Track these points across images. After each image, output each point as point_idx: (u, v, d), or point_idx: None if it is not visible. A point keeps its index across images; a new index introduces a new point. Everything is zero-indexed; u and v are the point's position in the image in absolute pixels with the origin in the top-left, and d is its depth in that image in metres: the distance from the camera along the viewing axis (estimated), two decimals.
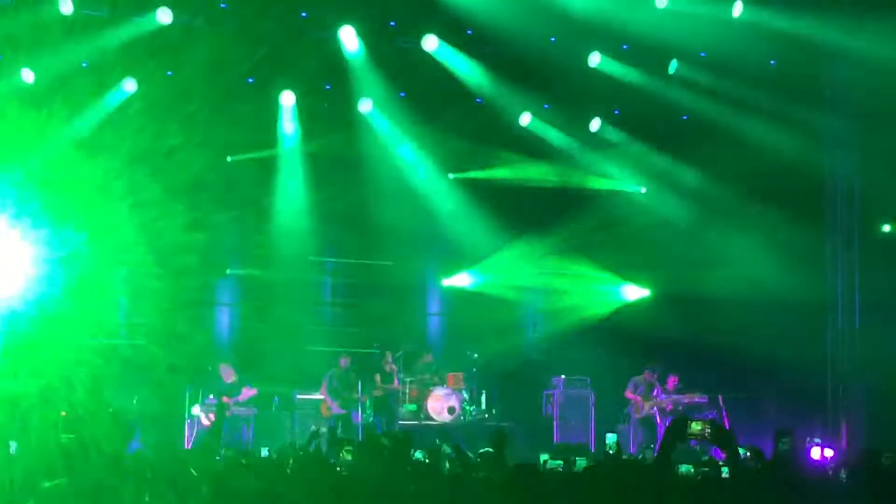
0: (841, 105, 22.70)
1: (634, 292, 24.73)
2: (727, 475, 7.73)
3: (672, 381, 21.54)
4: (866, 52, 20.61)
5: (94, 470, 7.47)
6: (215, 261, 22.95)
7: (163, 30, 19.82)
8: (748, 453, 11.83)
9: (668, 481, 6.17)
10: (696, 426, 6.39)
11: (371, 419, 20.66)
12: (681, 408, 20.76)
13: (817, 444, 15.50)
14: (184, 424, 20.06)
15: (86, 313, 19.92)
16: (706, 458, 14.92)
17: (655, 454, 6.28)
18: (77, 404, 14.68)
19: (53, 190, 20.13)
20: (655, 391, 21.19)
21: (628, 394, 21.35)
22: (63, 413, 14.47)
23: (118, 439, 9.97)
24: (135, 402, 19.52)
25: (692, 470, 12.51)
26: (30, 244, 20.00)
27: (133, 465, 8.32)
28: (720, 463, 11.10)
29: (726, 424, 20.23)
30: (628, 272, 24.31)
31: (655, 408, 21.01)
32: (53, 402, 15.56)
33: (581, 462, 12.66)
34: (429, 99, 22.08)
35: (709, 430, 6.39)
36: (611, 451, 15.06)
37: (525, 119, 23.18)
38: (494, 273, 24.14)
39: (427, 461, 12.24)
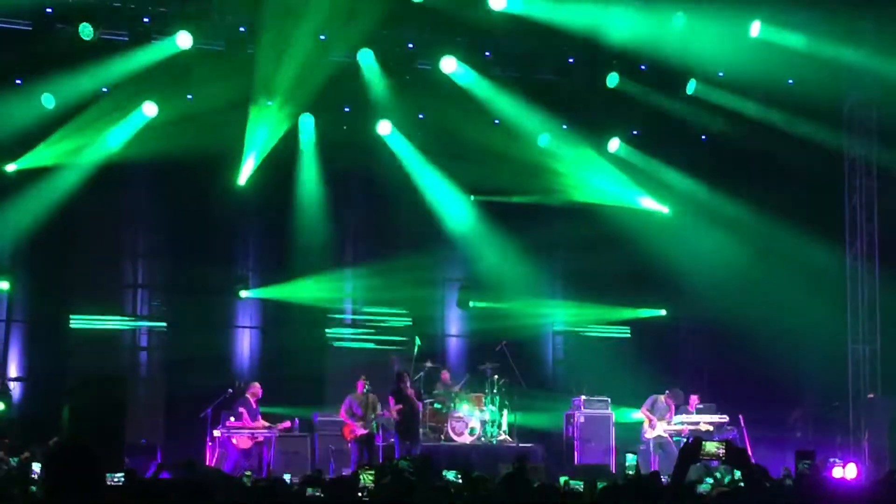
0: (861, 125, 22.70)
1: (652, 312, 24.69)
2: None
3: (693, 400, 21.48)
4: (886, 72, 20.58)
5: None
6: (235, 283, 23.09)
7: (183, 53, 19.96)
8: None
9: (683, 501, 6.17)
10: (710, 446, 6.39)
11: (392, 440, 20.61)
12: (690, 438, 20.62)
13: (839, 464, 15.39)
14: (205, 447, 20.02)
15: None
16: (728, 477, 14.85)
17: (671, 476, 6.28)
18: None
19: None
20: (669, 415, 21.11)
21: (643, 411, 21.29)
22: None
23: None
24: None
25: (710, 489, 12.45)
26: None
27: None
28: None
29: (747, 444, 20.15)
30: (648, 292, 24.26)
31: (668, 432, 20.93)
32: None
33: (602, 485, 12.62)
34: (447, 120, 22.14)
35: (723, 451, 6.38)
36: (630, 473, 14.98)
37: (543, 140, 23.21)
38: (513, 293, 24.13)
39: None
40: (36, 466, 13.60)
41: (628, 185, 24.02)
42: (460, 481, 12.18)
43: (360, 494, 11.00)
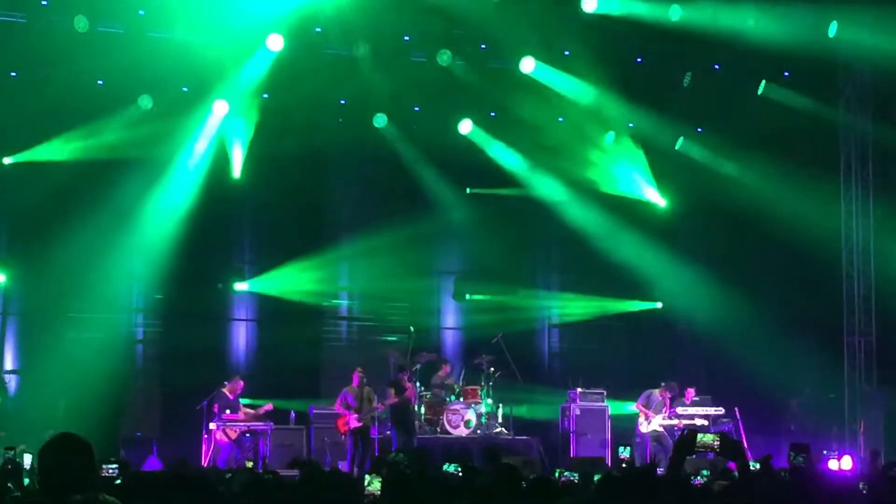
0: (858, 107, 22.65)
1: (648, 305, 24.70)
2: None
3: (689, 392, 21.47)
4: (885, 53, 20.44)
5: None
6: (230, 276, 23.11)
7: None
8: (758, 465, 11.80)
9: (680, 492, 6.18)
10: (705, 438, 6.39)
11: (388, 433, 20.59)
12: (686, 431, 20.56)
13: (834, 456, 15.38)
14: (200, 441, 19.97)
15: None
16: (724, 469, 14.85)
17: (666, 468, 6.28)
18: None
19: None
20: (666, 409, 21.09)
21: (638, 405, 21.26)
22: None
23: None
24: None
25: (706, 480, 12.44)
26: None
27: None
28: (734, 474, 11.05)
29: (742, 436, 20.16)
30: (644, 284, 24.25)
31: (663, 426, 20.90)
32: None
33: (598, 477, 12.60)
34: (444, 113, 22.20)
35: (718, 442, 6.38)
36: (624, 466, 15.00)
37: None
38: (510, 285, 24.14)
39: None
40: (28, 458, 13.65)
41: (626, 176, 24.03)
42: (460, 474, 12.14)
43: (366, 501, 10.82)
